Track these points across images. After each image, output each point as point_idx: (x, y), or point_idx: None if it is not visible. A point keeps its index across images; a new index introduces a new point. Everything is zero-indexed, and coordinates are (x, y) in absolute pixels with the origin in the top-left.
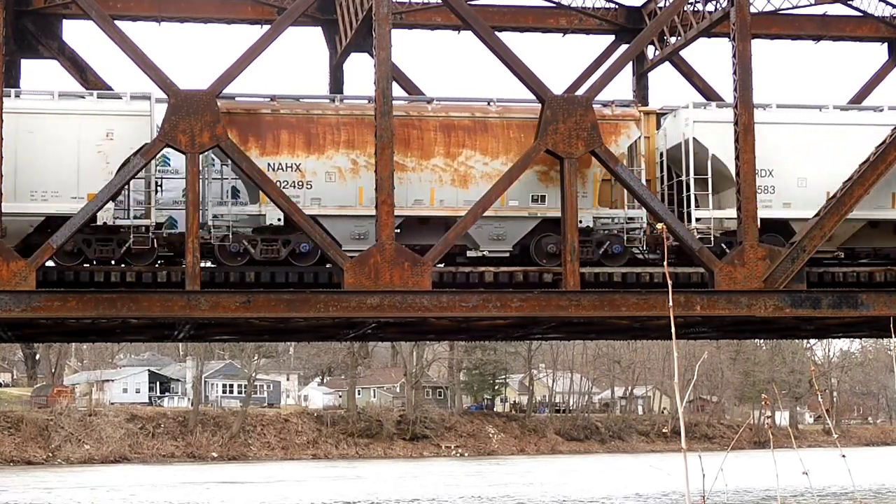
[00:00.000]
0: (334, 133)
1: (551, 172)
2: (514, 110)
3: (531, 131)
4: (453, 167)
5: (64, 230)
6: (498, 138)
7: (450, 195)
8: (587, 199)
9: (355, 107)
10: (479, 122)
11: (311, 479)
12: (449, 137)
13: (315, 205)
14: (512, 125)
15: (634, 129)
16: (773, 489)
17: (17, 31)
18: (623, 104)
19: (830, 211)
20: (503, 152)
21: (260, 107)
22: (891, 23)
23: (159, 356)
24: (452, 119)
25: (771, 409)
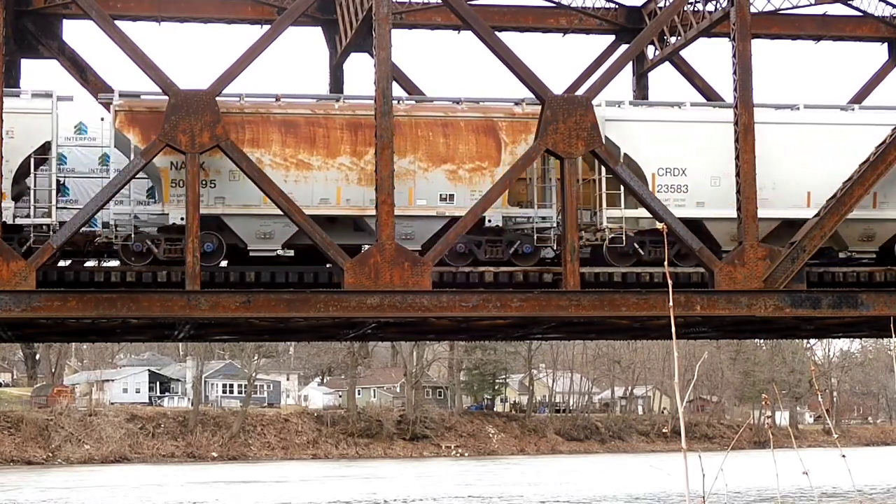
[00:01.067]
0: (240, 131)
1: (460, 171)
2: (421, 108)
3: (440, 129)
4: (360, 166)
5: (64, 230)
6: (406, 137)
7: (356, 194)
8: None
9: (261, 105)
10: None
11: (315, 479)
12: (356, 136)
13: (219, 204)
14: (420, 123)
15: None
16: (773, 489)
17: (17, 31)
18: (534, 102)
19: (830, 211)
20: (411, 151)
21: (163, 104)
22: (891, 23)
23: (159, 356)
24: (359, 118)
25: (771, 409)
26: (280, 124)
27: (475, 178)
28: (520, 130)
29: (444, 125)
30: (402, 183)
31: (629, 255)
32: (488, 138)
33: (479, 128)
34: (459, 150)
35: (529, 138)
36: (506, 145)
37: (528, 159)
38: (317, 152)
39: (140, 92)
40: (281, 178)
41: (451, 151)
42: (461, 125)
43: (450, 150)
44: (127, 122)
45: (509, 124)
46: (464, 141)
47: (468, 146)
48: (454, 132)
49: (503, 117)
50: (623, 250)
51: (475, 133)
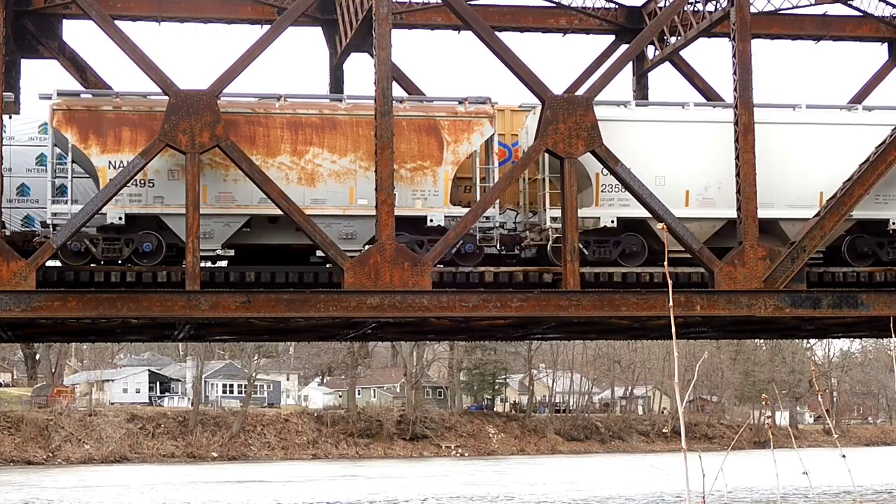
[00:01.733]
0: None
1: (401, 171)
2: (363, 107)
3: None
4: (300, 165)
5: (64, 230)
6: (347, 136)
7: (297, 194)
8: (438, 198)
9: None
10: (328, 120)
11: (315, 479)
12: (296, 135)
13: (158, 203)
14: (361, 122)
15: (488, 127)
16: (773, 489)
17: (17, 31)
18: (477, 101)
19: (830, 211)
20: (352, 150)
21: (101, 103)
22: (891, 23)
23: (159, 356)
24: (300, 116)
25: (771, 409)
26: None
27: (417, 178)
28: (462, 129)
29: None
30: (343, 182)
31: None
32: (430, 137)
33: (421, 127)
34: (401, 150)
35: (472, 137)
36: (448, 144)
37: (527, 159)
38: (256, 151)
39: (79, 91)
40: (220, 177)
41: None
42: (403, 124)
43: None
44: (65, 120)
45: (452, 123)
46: (405, 140)
47: (410, 145)
48: (395, 131)
49: (445, 116)
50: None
51: (417, 132)
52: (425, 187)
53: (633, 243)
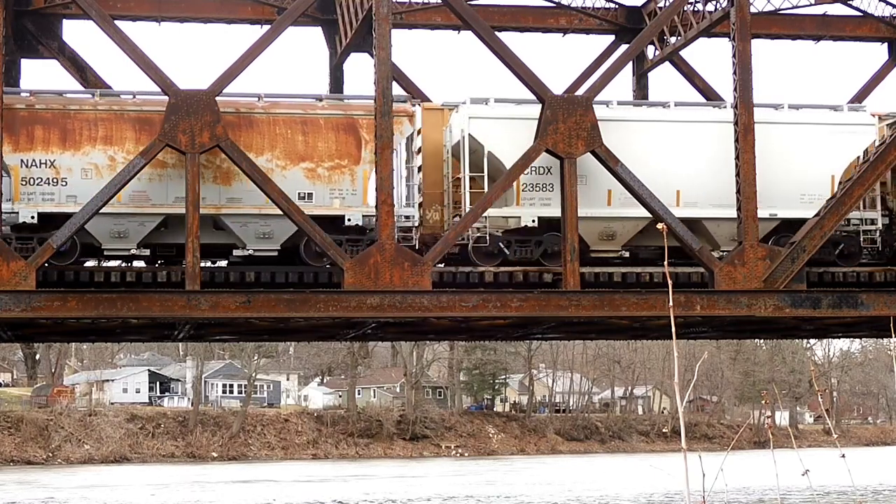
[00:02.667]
0: (91, 129)
1: (318, 170)
2: (280, 106)
3: (299, 127)
4: (216, 164)
5: (64, 230)
6: (263, 134)
7: (212, 193)
8: (356, 197)
9: (114, 102)
10: (245, 118)
11: (315, 479)
12: None
13: (71, 202)
14: (279, 121)
15: (408, 126)
16: (773, 489)
17: (17, 31)
18: (398, 100)
19: (830, 211)
20: (269, 149)
21: (14, 101)
22: (891, 23)
23: (159, 356)
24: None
25: (771, 409)
26: (134, 121)
27: (335, 177)
28: None
29: (304, 123)
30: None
31: (494, 255)
32: (348, 136)
33: (340, 126)
34: (319, 148)
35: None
36: (366, 143)
37: (527, 159)
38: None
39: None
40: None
41: (310, 149)
42: (321, 123)
43: (309, 147)
44: None
45: (371, 122)
46: (323, 139)
47: (327, 144)
48: (313, 130)
49: (364, 115)
50: (488, 250)
51: (335, 131)
52: (343, 186)
53: (554, 243)
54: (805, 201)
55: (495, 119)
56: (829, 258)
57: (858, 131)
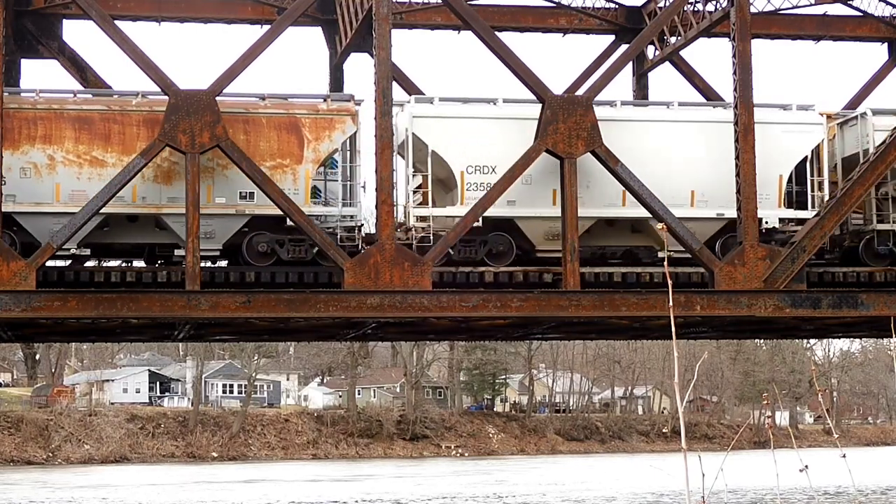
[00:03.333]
0: (30, 128)
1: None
2: (221, 104)
3: (241, 126)
4: (156, 163)
5: (65, 230)
6: None
7: (153, 192)
8: (298, 197)
9: (53, 101)
10: None
11: (315, 479)
12: (152, 133)
13: (10, 201)
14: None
15: (350, 125)
16: (773, 489)
17: (17, 31)
18: (340, 98)
19: (830, 211)
20: None
21: None
22: (891, 23)
23: (159, 356)
24: (157, 114)
25: (771, 408)
26: (74, 120)
27: (277, 176)
28: (324, 127)
29: (245, 122)
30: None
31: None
32: (290, 135)
33: (282, 125)
34: (260, 148)
35: (334, 135)
36: (309, 142)
37: (527, 159)
38: (112, 149)
39: None
40: (74, 175)
41: (252, 148)
42: (263, 122)
43: (250, 146)
44: None
45: (313, 121)
46: (265, 138)
47: (269, 143)
48: (255, 129)
49: (307, 114)
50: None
51: (277, 130)
52: (285, 186)
53: (500, 243)
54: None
55: (439, 118)
56: None
57: (807, 131)
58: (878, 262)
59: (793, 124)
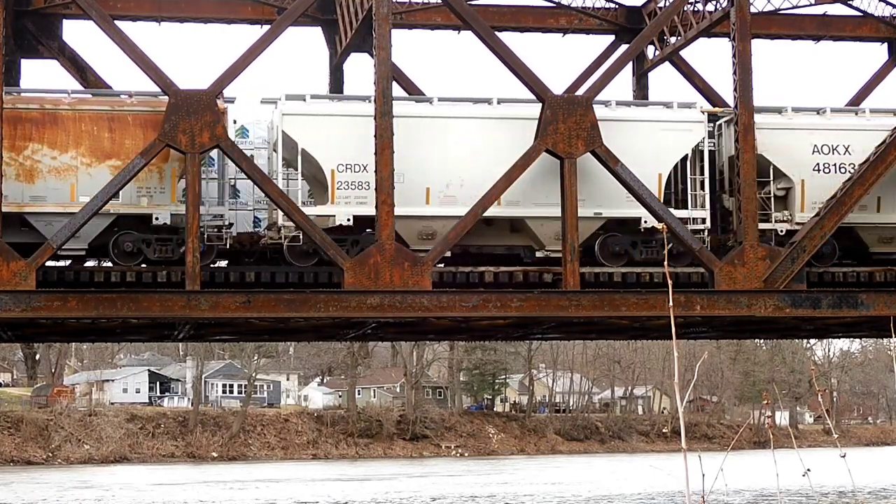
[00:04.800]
0: None
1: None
2: (86, 102)
3: (105, 124)
4: (18, 161)
5: (64, 230)
6: (68, 132)
7: (15, 190)
8: (165, 196)
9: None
10: (49, 115)
11: (315, 479)
12: (15, 130)
13: None
14: (84, 118)
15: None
16: (773, 489)
17: (17, 31)
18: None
19: (830, 211)
20: (73, 146)
21: None
22: (891, 23)
23: (159, 356)
24: (19, 111)
25: (771, 409)
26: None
27: (142, 175)
28: None
29: (111, 119)
30: (64, 180)
31: (310, 255)
32: (156, 133)
33: (148, 122)
34: (126, 146)
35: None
36: None
37: (527, 159)
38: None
39: None
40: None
41: (117, 147)
42: (128, 119)
43: (115, 145)
44: None
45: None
46: (130, 136)
47: (135, 141)
48: (121, 127)
49: None
50: (302, 249)
51: (143, 128)
52: (151, 184)
53: (371, 242)
54: (631, 200)
55: (310, 116)
56: (658, 258)
57: (687, 129)
58: None
59: (673, 122)
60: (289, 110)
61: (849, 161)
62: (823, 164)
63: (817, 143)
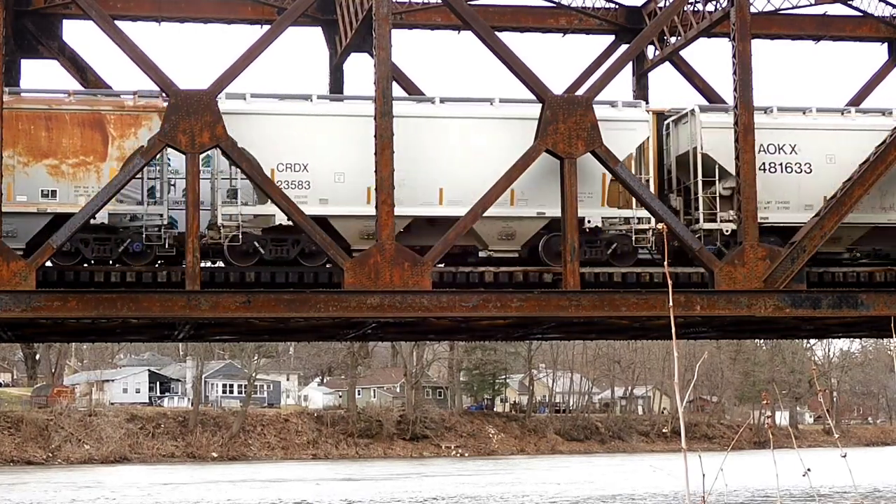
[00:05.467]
0: None
1: (62, 167)
2: (23, 101)
3: (42, 123)
4: None
5: (64, 230)
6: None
7: None
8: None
9: None
10: None
11: (315, 479)
12: None
13: None
14: (21, 116)
15: (157, 121)
16: (773, 489)
17: (17, 31)
18: (148, 95)
19: (830, 211)
20: (10, 145)
21: None
22: (891, 23)
23: (159, 356)
24: None
25: (771, 409)
26: None
27: (80, 174)
28: (129, 124)
29: (48, 118)
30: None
31: (250, 254)
32: (94, 132)
33: (85, 121)
34: (63, 145)
35: (140, 132)
36: (113, 139)
37: (527, 159)
38: None
39: None
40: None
41: (54, 146)
42: (66, 118)
43: (52, 144)
44: None
45: (118, 118)
46: (67, 135)
47: (72, 140)
48: (58, 126)
49: (112, 111)
50: (242, 249)
51: (80, 127)
52: (88, 184)
53: (312, 242)
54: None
55: (249, 115)
56: (601, 258)
57: (631, 128)
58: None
59: (617, 121)
60: (230, 109)
61: (795, 160)
62: (769, 164)
63: (763, 143)
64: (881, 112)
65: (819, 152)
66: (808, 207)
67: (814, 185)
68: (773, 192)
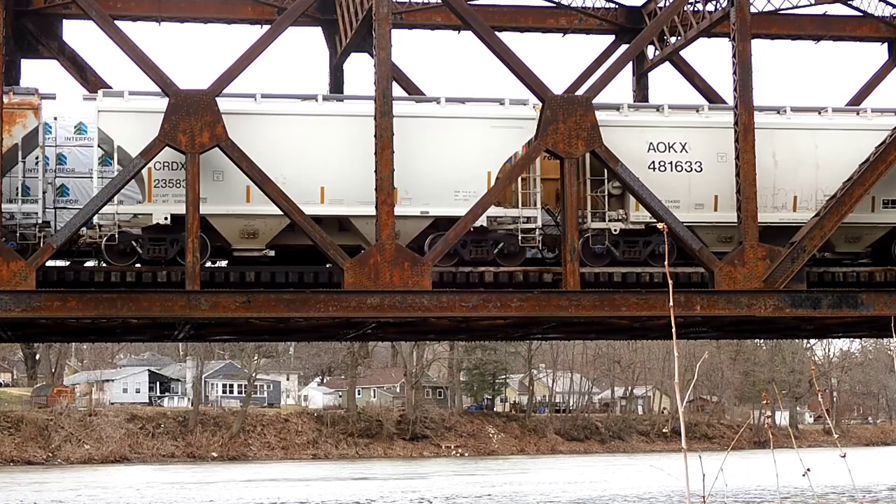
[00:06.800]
0: None
1: None
2: None
3: None
4: None
5: (64, 230)
6: None
7: None
8: None
9: None
10: None
11: (315, 479)
12: None
13: None
14: None
15: (32, 119)
16: (773, 489)
17: (17, 31)
18: (23, 92)
19: (830, 211)
20: None
21: None
22: (891, 23)
23: (159, 356)
24: None
25: (771, 408)
26: None
27: None
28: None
29: None
30: None
31: (128, 254)
32: None
33: None
34: None
35: (13, 130)
36: None
37: (528, 159)
38: None
39: None
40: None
41: None
42: None
43: None
44: None
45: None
46: None
47: None
48: None
49: None
50: (119, 249)
51: None
52: None
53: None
54: (459, 199)
55: (125, 112)
56: (487, 258)
57: (518, 126)
58: (596, 262)
59: (503, 119)
60: (105, 107)
61: (685, 159)
62: (659, 162)
63: (653, 141)
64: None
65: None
66: (698, 206)
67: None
68: (665, 192)
